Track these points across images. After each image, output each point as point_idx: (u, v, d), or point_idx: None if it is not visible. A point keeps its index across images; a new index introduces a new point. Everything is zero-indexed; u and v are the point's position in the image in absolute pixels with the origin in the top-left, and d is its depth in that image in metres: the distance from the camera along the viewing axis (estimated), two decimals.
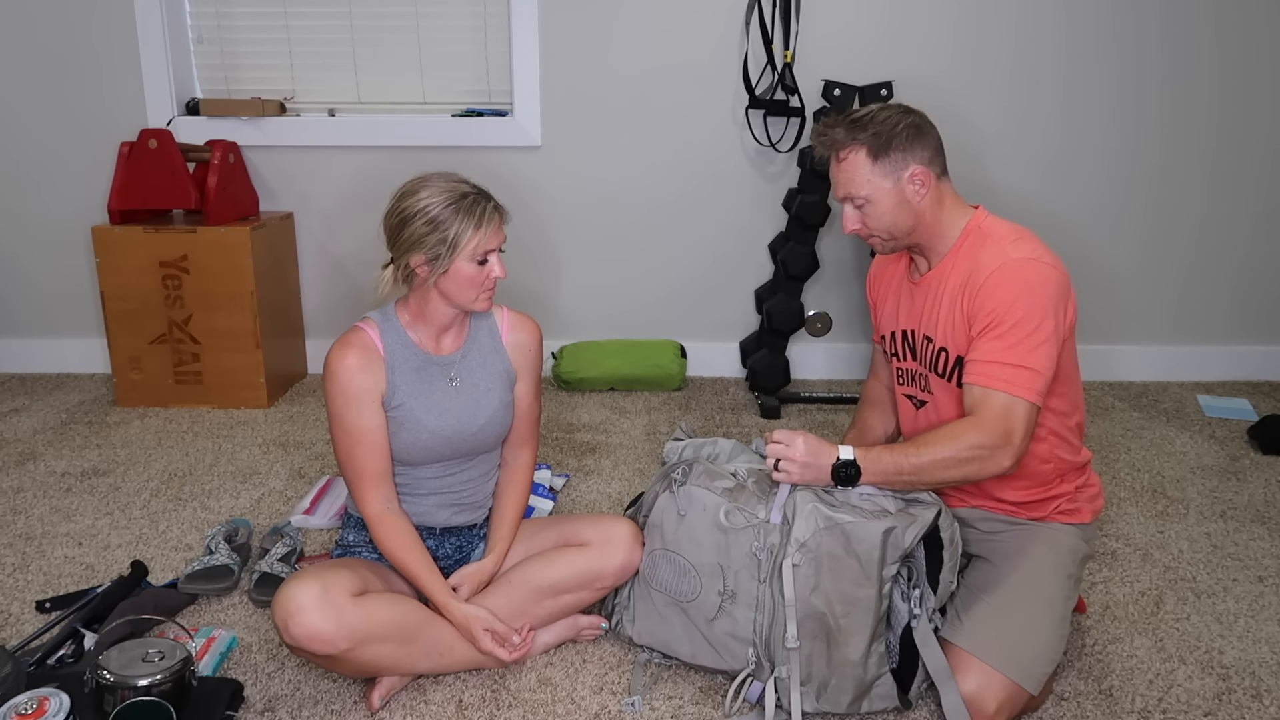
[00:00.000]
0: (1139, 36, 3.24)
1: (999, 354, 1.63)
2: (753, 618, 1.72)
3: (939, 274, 1.78)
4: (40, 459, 2.82)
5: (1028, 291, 1.64)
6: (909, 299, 1.86)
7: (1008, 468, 1.64)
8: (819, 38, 3.24)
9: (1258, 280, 3.49)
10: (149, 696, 1.53)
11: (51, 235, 3.47)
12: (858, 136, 1.70)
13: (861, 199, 1.72)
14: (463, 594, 1.81)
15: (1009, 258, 1.67)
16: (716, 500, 1.76)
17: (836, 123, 1.73)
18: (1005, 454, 1.62)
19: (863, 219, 1.75)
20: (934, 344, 1.78)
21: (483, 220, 1.72)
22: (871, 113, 1.72)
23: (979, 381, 1.65)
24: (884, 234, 1.76)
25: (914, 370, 1.86)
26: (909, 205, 1.72)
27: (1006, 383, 1.62)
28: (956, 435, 1.63)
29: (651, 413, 3.22)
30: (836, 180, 1.76)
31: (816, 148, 1.77)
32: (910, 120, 1.71)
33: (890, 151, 1.69)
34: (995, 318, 1.64)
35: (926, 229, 1.75)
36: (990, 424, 1.62)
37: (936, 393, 1.81)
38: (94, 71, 3.32)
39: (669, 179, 3.41)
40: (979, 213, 1.77)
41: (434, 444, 1.82)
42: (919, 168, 1.71)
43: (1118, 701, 1.79)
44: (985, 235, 1.73)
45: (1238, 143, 3.34)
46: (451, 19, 3.36)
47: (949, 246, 1.76)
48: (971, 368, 1.67)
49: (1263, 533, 2.43)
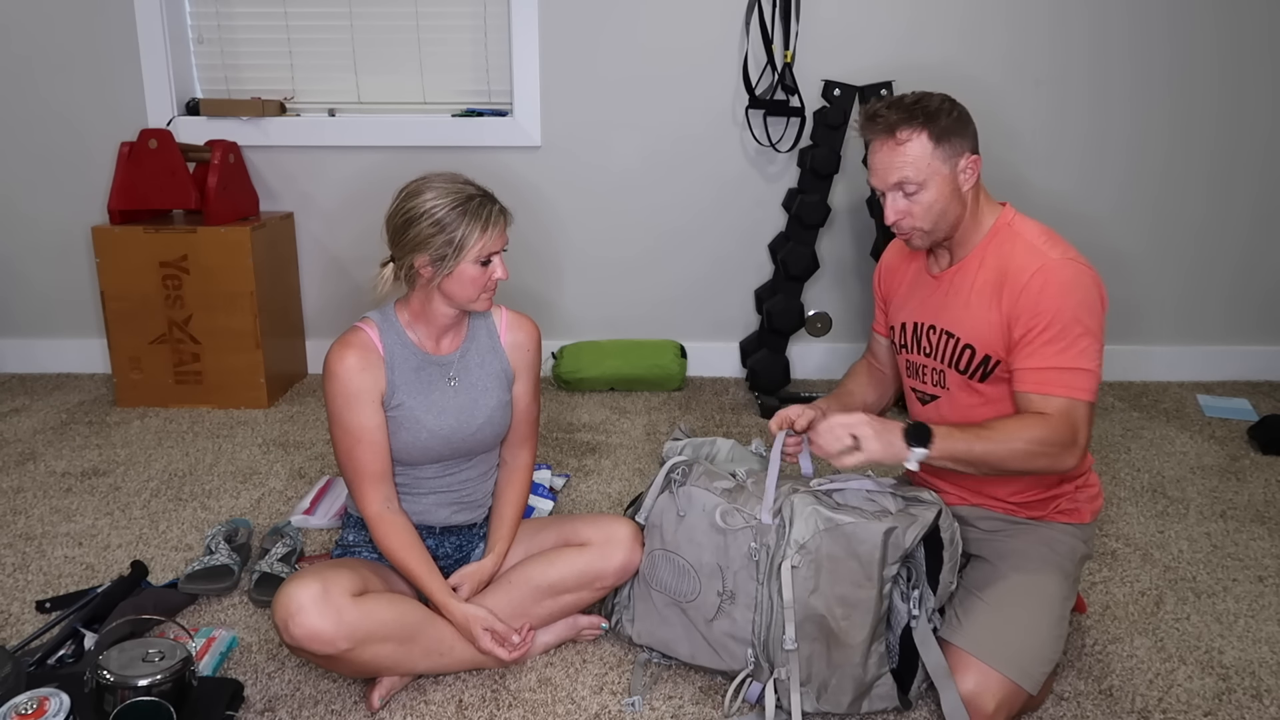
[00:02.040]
0: (1142, 37, 3.24)
1: (1052, 359, 1.63)
2: (752, 618, 1.72)
3: (963, 269, 1.76)
4: (40, 459, 2.82)
5: (1073, 293, 1.63)
6: (926, 292, 1.83)
7: (1071, 466, 1.65)
8: (819, 38, 3.24)
9: (1258, 280, 3.49)
10: (149, 696, 1.53)
11: (51, 235, 3.47)
12: (918, 119, 1.65)
13: (916, 185, 1.67)
14: (463, 594, 1.81)
15: (1049, 258, 1.65)
16: (715, 501, 1.76)
17: (893, 104, 1.67)
18: (1071, 454, 1.63)
19: (910, 208, 1.69)
20: (956, 340, 1.76)
21: (489, 224, 1.72)
22: (925, 97, 1.68)
23: (1037, 389, 1.64)
24: (929, 224, 1.70)
25: (926, 365, 1.84)
26: (959, 194, 1.69)
27: (1067, 387, 1.63)
28: (1026, 430, 1.62)
29: (651, 413, 3.22)
30: (889, 165, 1.67)
31: (866, 131, 1.71)
32: (960, 109, 1.69)
33: (950, 137, 1.66)
34: (1044, 321, 1.63)
35: (966, 221, 1.73)
36: (1057, 424, 1.62)
37: (953, 389, 1.79)
38: (94, 71, 3.33)
39: (669, 179, 3.41)
40: (1007, 210, 1.76)
41: (433, 443, 1.82)
42: (972, 155, 1.69)
43: (1118, 701, 1.79)
44: (1015, 234, 1.71)
45: (1236, 143, 3.34)
46: (451, 19, 3.36)
47: (977, 242, 1.74)
48: (1026, 375, 1.66)
49: (1263, 533, 2.43)
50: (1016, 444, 1.62)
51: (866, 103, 3.11)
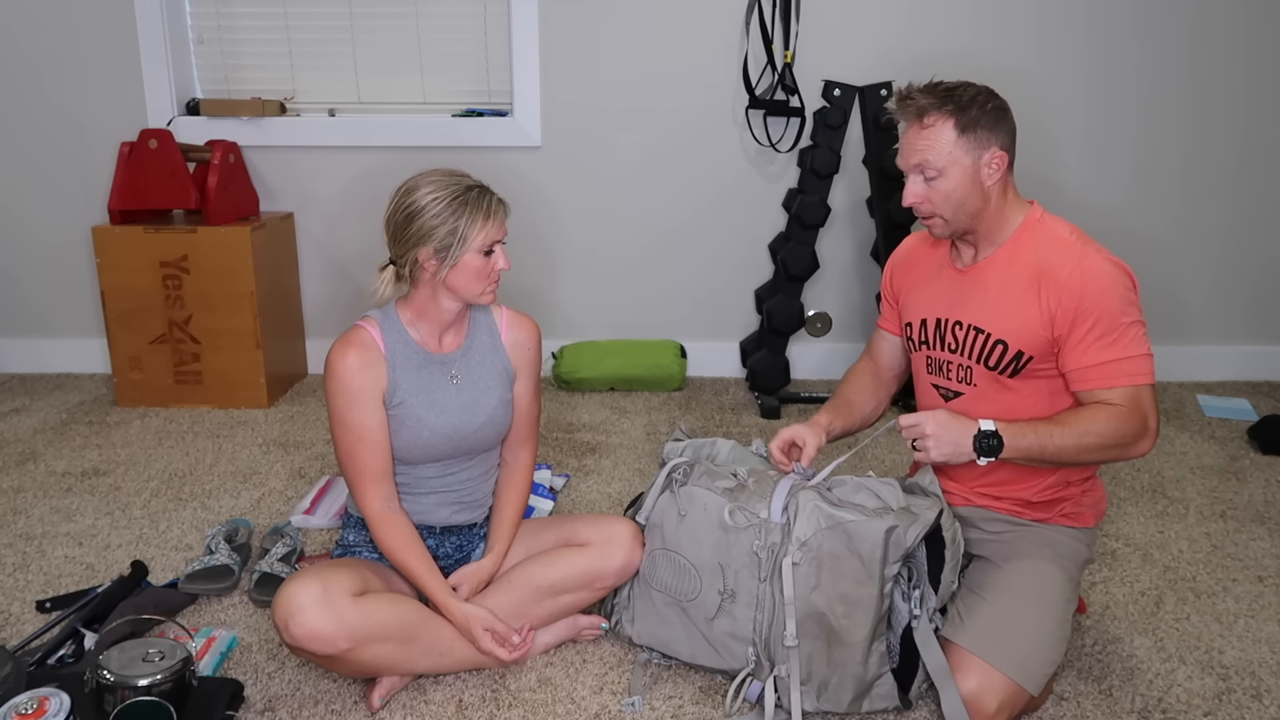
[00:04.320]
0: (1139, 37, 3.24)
1: (1107, 353, 1.66)
2: (752, 617, 1.72)
3: (993, 265, 1.76)
4: (40, 459, 2.82)
5: (1114, 288, 1.66)
6: (951, 287, 1.82)
7: (1147, 451, 1.69)
8: (819, 38, 3.24)
9: (1257, 280, 3.49)
10: (149, 696, 1.53)
11: (51, 235, 3.47)
12: (947, 106, 1.67)
13: (935, 171, 1.68)
14: (463, 593, 1.81)
15: (1087, 254, 1.67)
16: (717, 500, 1.76)
17: (926, 89, 1.70)
18: (1146, 440, 1.67)
19: (928, 193, 1.71)
20: (987, 336, 1.75)
21: (490, 213, 1.73)
22: (962, 86, 1.69)
23: (1099, 385, 1.67)
24: (947, 213, 1.71)
25: (951, 361, 1.82)
26: (980, 187, 1.70)
27: (1128, 376, 1.66)
28: (1098, 424, 1.65)
29: (651, 413, 3.22)
30: (913, 147, 1.69)
31: (896, 111, 1.72)
32: (997, 102, 1.70)
33: (977, 129, 1.67)
34: (1090, 319, 1.65)
35: (989, 216, 1.73)
36: (1128, 414, 1.65)
37: (981, 385, 1.78)
38: (94, 71, 3.33)
39: (669, 179, 3.41)
40: (1035, 207, 1.77)
41: (435, 442, 1.82)
42: (999, 150, 1.69)
43: (1118, 701, 1.79)
44: (1048, 231, 1.73)
45: (1234, 143, 3.34)
46: (451, 19, 3.36)
47: (1005, 238, 1.75)
48: (1086, 374, 1.67)
49: (1263, 533, 2.43)
50: (1089, 438, 1.65)
51: (866, 103, 3.12)
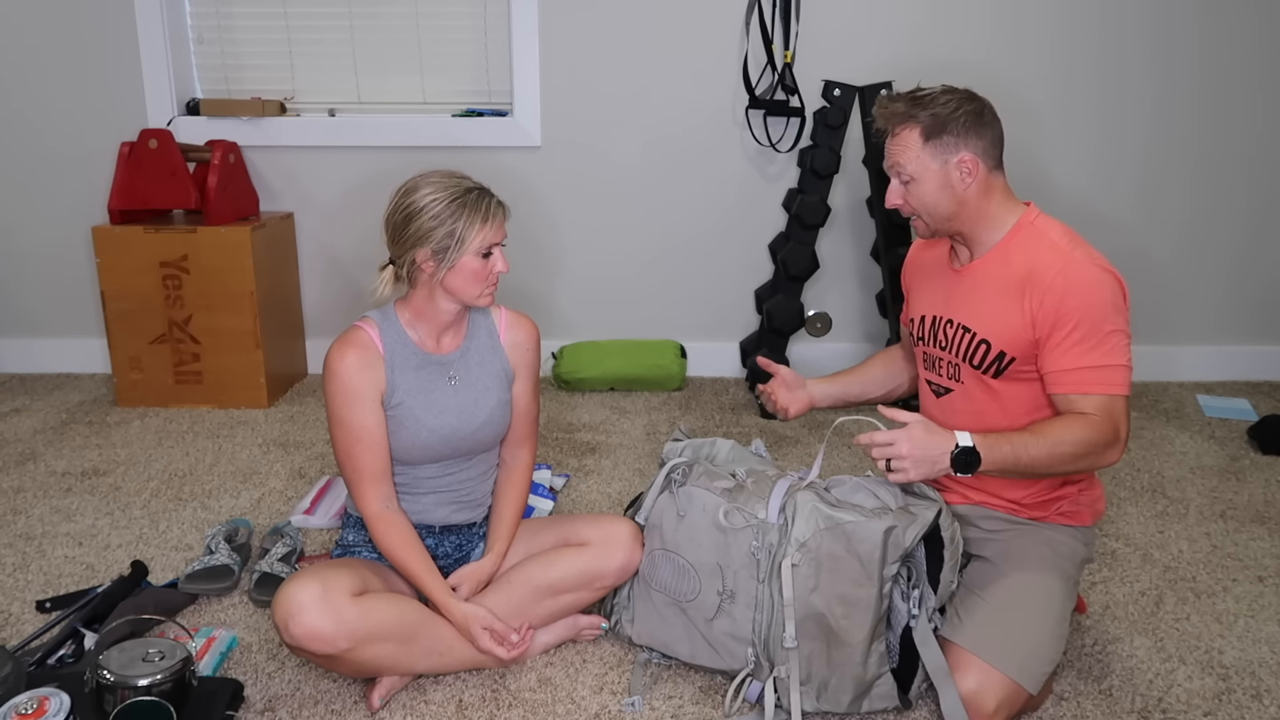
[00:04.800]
0: (1141, 36, 3.24)
1: (1084, 359, 1.65)
2: (752, 617, 1.72)
3: (984, 266, 1.77)
4: (40, 459, 2.82)
5: (1098, 292, 1.66)
6: (946, 286, 1.84)
7: (1115, 461, 1.69)
8: (819, 38, 3.24)
9: (1257, 280, 3.49)
10: (149, 696, 1.53)
11: (51, 235, 3.47)
12: (915, 114, 1.71)
13: (907, 176, 1.73)
14: (462, 593, 1.81)
15: (1074, 258, 1.67)
16: (716, 500, 1.76)
17: (899, 98, 1.74)
18: (1115, 450, 1.67)
19: (905, 195, 1.76)
20: (973, 335, 1.77)
21: (488, 215, 1.73)
22: (934, 94, 1.72)
23: (1074, 390, 1.67)
24: (925, 214, 1.76)
25: (942, 358, 1.85)
26: (952, 190, 1.72)
27: (1102, 384, 1.66)
28: (1070, 432, 1.65)
29: (651, 413, 3.22)
30: (888, 153, 1.76)
31: (876, 120, 1.78)
32: (971, 108, 1.72)
33: (943, 135, 1.70)
34: (1071, 322, 1.65)
35: (969, 218, 1.75)
36: (1099, 423, 1.65)
37: (967, 383, 1.80)
38: (94, 71, 3.33)
39: (669, 179, 3.41)
40: (1030, 210, 1.77)
41: (433, 442, 1.82)
42: (969, 155, 1.71)
43: (1118, 701, 1.79)
44: (1039, 234, 1.73)
45: (1231, 144, 3.34)
46: (451, 19, 3.36)
47: (996, 239, 1.76)
48: (1061, 377, 1.68)
49: (1263, 533, 2.43)
50: (1062, 447, 1.64)
51: (866, 103, 3.11)
